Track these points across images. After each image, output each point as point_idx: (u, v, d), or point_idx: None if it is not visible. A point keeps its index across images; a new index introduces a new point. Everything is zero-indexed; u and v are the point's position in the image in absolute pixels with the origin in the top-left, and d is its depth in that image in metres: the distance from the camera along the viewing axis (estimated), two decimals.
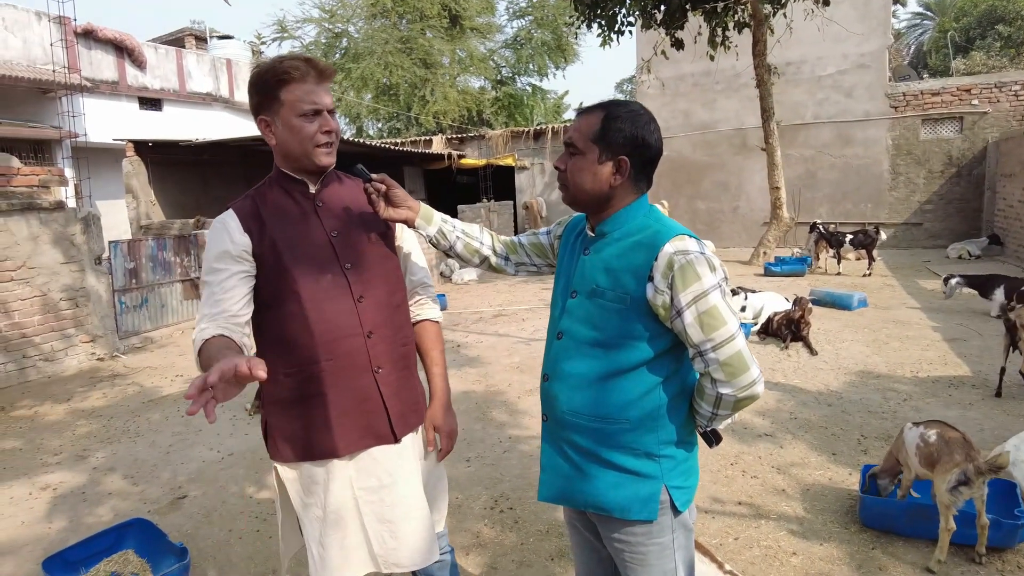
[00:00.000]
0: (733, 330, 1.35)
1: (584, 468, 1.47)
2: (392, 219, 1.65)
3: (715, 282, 1.35)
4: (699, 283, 1.33)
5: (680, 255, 1.35)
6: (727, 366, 1.34)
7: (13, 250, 6.01)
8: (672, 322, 1.38)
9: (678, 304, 1.34)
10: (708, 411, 1.43)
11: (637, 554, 1.47)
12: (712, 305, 1.33)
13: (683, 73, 14.41)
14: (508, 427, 4.30)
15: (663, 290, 1.36)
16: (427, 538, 1.68)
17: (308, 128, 1.54)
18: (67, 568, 2.66)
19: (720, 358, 1.34)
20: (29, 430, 4.73)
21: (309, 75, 1.54)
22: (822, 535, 2.85)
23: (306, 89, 1.53)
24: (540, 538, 2.91)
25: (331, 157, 1.60)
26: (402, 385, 1.69)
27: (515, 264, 1.79)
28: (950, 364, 5.25)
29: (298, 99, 1.52)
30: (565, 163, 1.49)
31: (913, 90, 12.89)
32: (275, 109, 1.55)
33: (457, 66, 23.08)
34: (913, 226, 13.09)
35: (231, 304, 1.50)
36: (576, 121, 1.49)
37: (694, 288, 1.33)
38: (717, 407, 1.40)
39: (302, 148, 1.56)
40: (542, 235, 1.77)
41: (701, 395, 1.42)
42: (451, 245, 1.74)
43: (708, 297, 1.33)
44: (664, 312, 1.37)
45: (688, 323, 1.34)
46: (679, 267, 1.34)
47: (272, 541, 2.98)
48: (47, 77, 12.81)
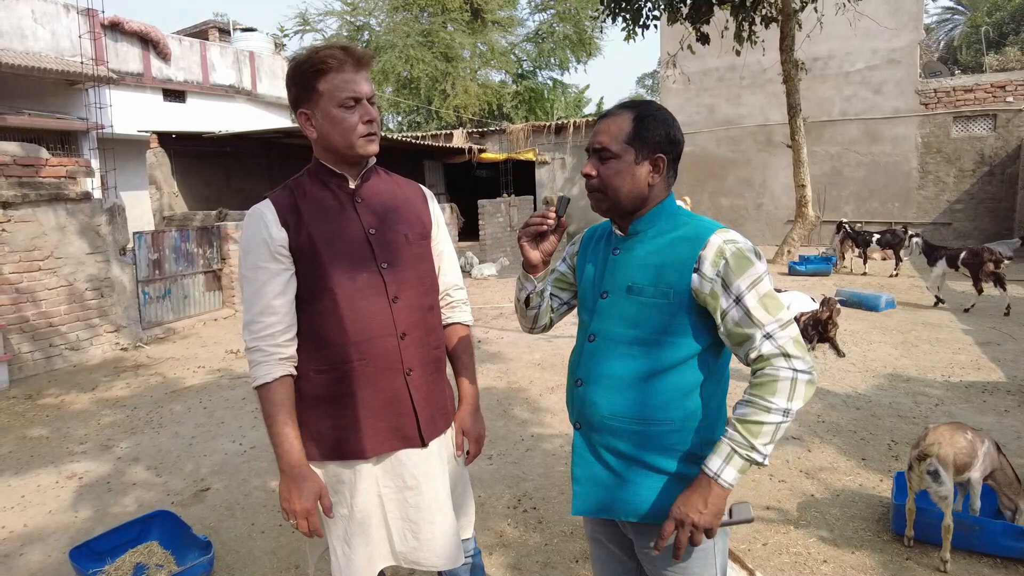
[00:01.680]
0: (791, 315, 1.35)
1: (625, 475, 1.43)
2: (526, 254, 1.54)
3: (764, 268, 1.36)
4: (753, 268, 1.34)
5: (730, 243, 1.35)
6: (797, 343, 1.31)
7: (41, 240, 6.08)
8: (726, 314, 1.32)
9: (737, 290, 1.32)
10: (782, 408, 1.26)
11: (680, 562, 1.42)
12: (769, 288, 1.35)
13: (708, 68, 14.22)
14: (530, 425, 4.27)
15: (712, 278, 1.33)
16: (450, 542, 1.64)
17: (349, 118, 1.51)
18: (94, 558, 2.67)
19: (792, 335, 1.31)
20: (55, 418, 4.79)
21: (347, 63, 1.50)
22: (854, 543, 2.78)
23: (344, 78, 1.50)
24: (565, 539, 2.87)
25: (374, 146, 1.56)
26: (432, 388, 1.66)
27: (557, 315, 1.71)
28: (983, 368, 5.12)
29: (337, 89, 1.49)
30: (596, 169, 1.43)
31: (945, 86, 12.60)
32: (314, 101, 1.52)
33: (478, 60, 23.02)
34: (942, 226, 12.81)
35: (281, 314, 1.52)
36: (602, 125, 1.44)
37: (750, 273, 1.33)
38: (792, 396, 1.26)
39: (344, 139, 1.52)
40: (560, 265, 1.69)
41: (771, 388, 1.26)
42: (538, 304, 1.64)
43: (764, 282, 1.34)
44: (714, 303, 1.34)
45: (752, 306, 1.31)
46: (731, 254, 1.33)
47: (294, 537, 2.97)
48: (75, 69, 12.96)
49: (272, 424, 1.49)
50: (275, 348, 1.50)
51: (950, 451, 2.63)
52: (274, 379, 1.49)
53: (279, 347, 1.51)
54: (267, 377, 1.49)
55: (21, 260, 5.92)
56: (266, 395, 1.50)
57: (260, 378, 1.50)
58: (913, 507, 2.68)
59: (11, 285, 5.84)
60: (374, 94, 1.57)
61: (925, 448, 2.61)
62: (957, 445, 2.67)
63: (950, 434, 2.70)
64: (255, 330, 1.50)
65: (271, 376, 1.49)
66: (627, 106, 1.44)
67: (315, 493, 1.50)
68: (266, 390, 1.50)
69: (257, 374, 1.50)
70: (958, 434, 2.72)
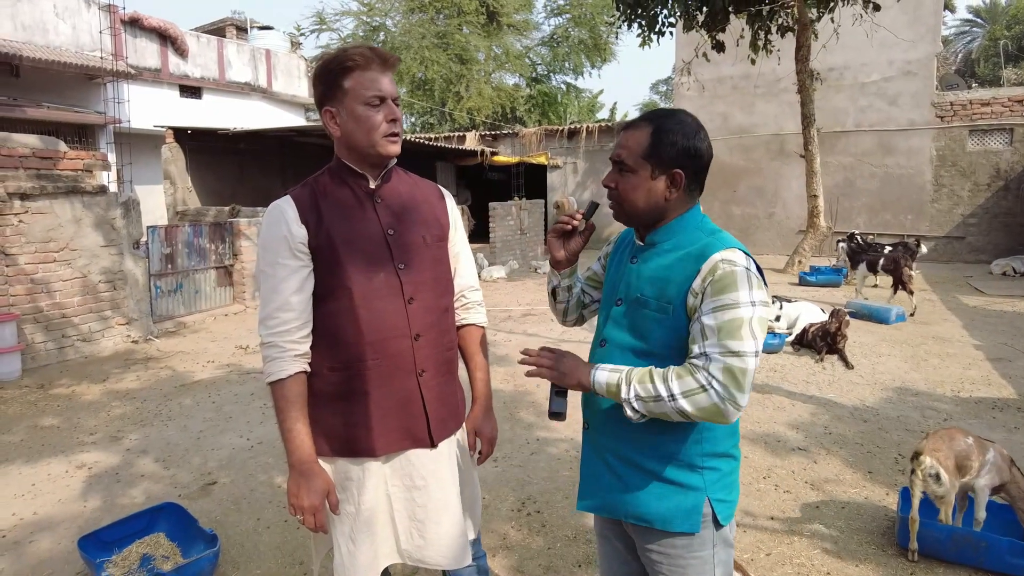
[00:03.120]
0: (750, 350, 1.25)
1: (626, 479, 1.45)
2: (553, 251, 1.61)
3: (750, 300, 1.27)
4: (734, 294, 1.27)
5: (726, 263, 1.30)
6: (729, 372, 1.24)
7: (57, 232, 6.15)
8: (693, 324, 1.32)
9: (705, 308, 1.29)
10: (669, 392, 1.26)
11: (676, 567, 1.44)
12: (740, 318, 1.26)
13: (722, 75, 14.20)
14: (536, 428, 4.28)
15: (698, 293, 1.32)
16: (456, 543, 1.66)
17: (374, 117, 1.52)
18: (101, 548, 2.70)
19: (728, 362, 1.24)
20: (66, 408, 4.84)
21: (373, 62, 1.52)
22: (858, 556, 2.77)
23: (370, 77, 1.52)
24: (567, 544, 2.87)
25: (396, 146, 1.57)
26: (444, 390, 1.67)
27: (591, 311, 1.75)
28: (994, 384, 5.08)
29: (363, 87, 1.51)
30: (615, 181, 1.45)
31: (961, 99, 12.52)
32: (339, 99, 1.53)
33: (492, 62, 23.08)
34: (955, 240, 12.73)
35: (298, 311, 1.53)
36: (622, 137, 1.45)
37: (726, 297, 1.27)
38: (674, 400, 1.26)
39: (368, 138, 1.53)
40: (595, 265, 1.74)
41: (677, 375, 1.27)
42: (567, 299, 1.70)
43: (738, 310, 1.26)
44: (693, 314, 1.33)
45: (708, 325, 1.27)
46: (720, 273, 1.29)
47: (299, 533, 3.00)
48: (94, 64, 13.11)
49: (284, 420, 1.51)
50: (290, 344, 1.52)
51: (949, 452, 2.70)
52: (288, 375, 1.51)
53: (294, 344, 1.53)
54: (281, 373, 1.51)
55: (37, 251, 5.99)
56: (279, 391, 1.52)
57: (274, 374, 1.51)
58: (916, 517, 2.68)
59: (26, 275, 5.92)
60: (398, 96, 1.59)
61: (918, 447, 2.73)
62: (956, 447, 2.73)
63: (949, 436, 2.78)
64: (271, 326, 1.52)
65: (285, 372, 1.51)
66: (648, 118, 1.43)
67: (323, 490, 1.52)
68: (280, 386, 1.51)
69: (271, 370, 1.52)
70: (958, 437, 2.78)
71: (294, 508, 1.51)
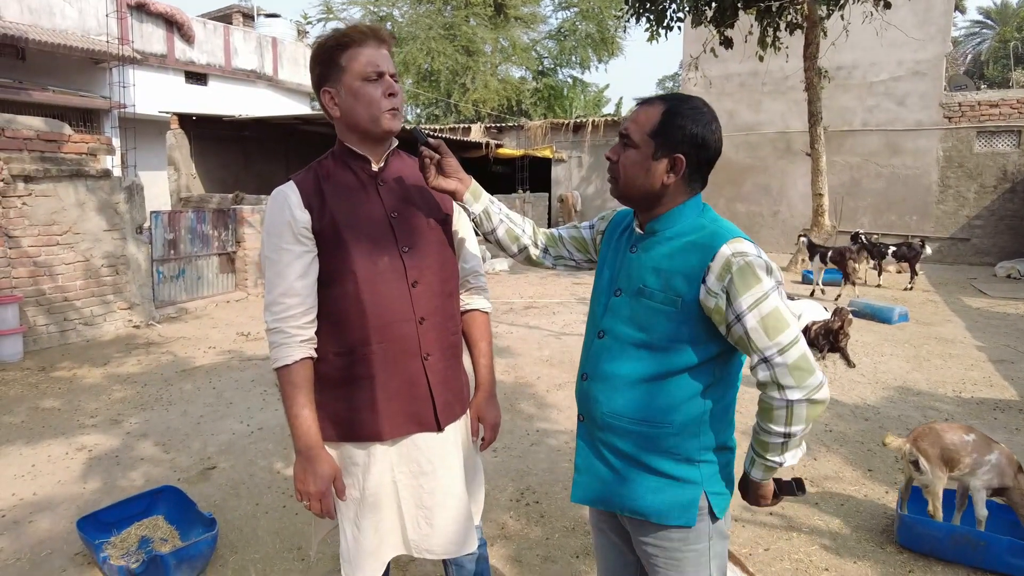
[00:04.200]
0: (796, 332, 1.29)
1: (623, 472, 1.43)
2: (440, 188, 1.62)
3: (772, 284, 1.29)
4: (759, 285, 1.28)
5: (738, 256, 1.29)
6: (796, 369, 1.27)
7: (60, 215, 6.15)
8: (730, 328, 1.31)
9: (738, 308, 1.28)
10: (780, 432, 1.31)
11: (672, 560, 1.42)
12: (774, 307, 1.28)
13: (730, 72, 14.13)
14: (536, 420, 4.27)
15: (717, 293, 1.30)
16: (463, 528, 1.65)
17: (373, 92, 1.51)
18: (100, 529, 2.71)
19: (788, 362, 1.27)
20: (68, 391, 4.85)
21: (368, 39, 1.52)
22: (856, 552, 2.77)
23: (367, 53, 1.51)
24: (566, 534, 2.87)
25: (397, 122, 1.56)
26: (449, 374, 1.66)
27: (554, 258, 1.73)
28: (996, 386, 5.07)
29: (359, 63, 1.50)
30: (618, 154, 1.42)
31: (970, 100, 12.46)
32: (337, 77, 1.53)
33: (499, 55, 23.02)
34: (960, 241, 12.69)
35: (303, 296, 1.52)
36: (634, 112, 1.42)
37: (754, 291, 1.27)
38: (790, 423, 1.30)
39: (368, 113, 1.52)
40: (584, 229, 1.71)
41: (769, 415, 1.32)
42: (493, 228, 1.69)
43: (769, 299, 1.28)
44: (718, 317, 1.31)
45: (751, 327, 1.28)
46: (737, 269, 1.28)
47: (298, 518, 3.00)
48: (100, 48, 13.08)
49: (291, 406, 1.50)
50: (296, 330, 1.51)
51: (935, 442, 2.76)
52: (294, 361, 1.50)
53: (300, 329, 1.51)
54: (288, 359, 1.50)
55: (40, 234, 5.99)
56: (286, 376, 1.51)
57: (280, 360, 1.50)
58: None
59: (29, 258, 5.92)
60: (396, 73, 1.58)
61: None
62: (946, 440, 2.74)
63: (943, 429, 2.80)
64: (276, 311, 1.51)
65: (291, 358, 1.50)
66: (665, 98, 1.40)
67: (329, 476, 1.51)
68: (286, 371, 1.50)
69: (277, 355, 1.51)
70: (954, 432, 2.78)
71: (301, 494, 1.51)
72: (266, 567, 2.63)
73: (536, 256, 1.73)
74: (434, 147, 1.59)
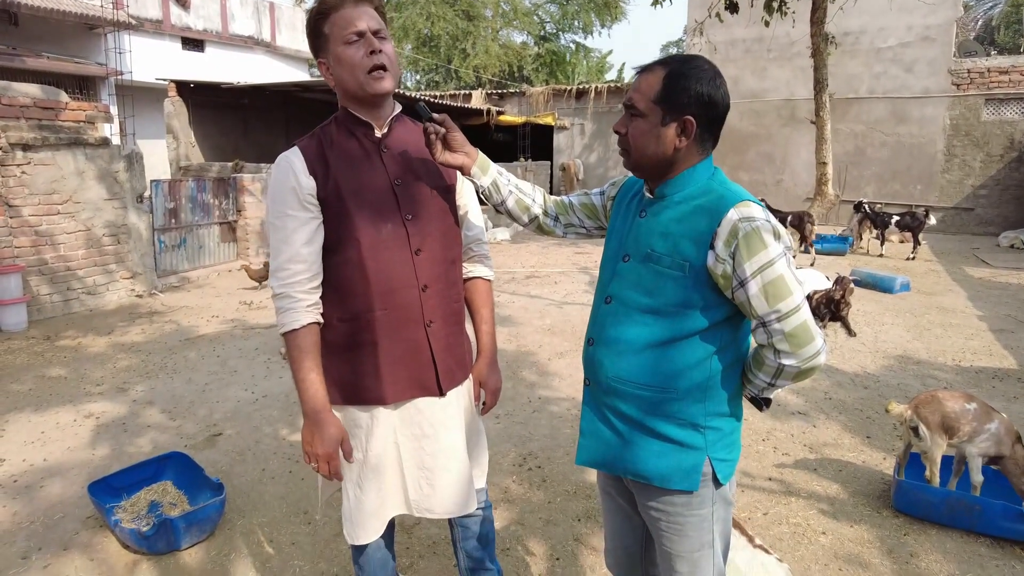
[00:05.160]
0: (799, 300, 1.29)
1: (627, 436, 1.44)
2: (447, 163, 1.61)
3: (780, 250, 1.29)
4: (765, 252, 1.27)
5: (745, 222, 1.28)
6: (793, 337, 1.29)
7: (60, 184, 6.12)
8: (734, 292, 1.32)
9: (742, 274, 1.29)
10: (764, 382, 1.39)
11: (675, 524, 1.45)
12: (779, 275, 1.28)
13: (735, 38, 13.89)
14: (538, 387, 4.31)
15: (725, 259, 1.30)
16: (463, 490, 1.68)
17: (354, 54, 1.50)
18: (111, 493, 2.75)
19: (786, 329, 1.29)
20: (73, 360, 4.89)
21: (345, 1, 1.50)
22: (853, 517, 2.82)
23: (344, 15, 1.50)
24: (567, 498, 2.92)
25: (385, 82, 1.53)
26: (451, 340, 1.68)
27: (564, 225, 1.73)
28: (995, 355, 5.09)
29: (339, 27, 1.50)
30: (625, 126, 1.40)
31: (979, 67, 12.25)
32: (325, 46, 1.53)
33: (500, 19, 22.60)
34: (964, 211, 12.61)
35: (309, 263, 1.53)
36: (636, 81, 1.40)
37: (760, 257, 1.27)
38: (776, 378, 1.36)
39: (353, 77, 1.51)
40: (594, 195, 1.70)
41: (759, 366, 1.38)
42: (503, 199, 1.69)
43: (774, 266, 1.28)
44: (724, 281, 1.32)
45: (753, 294, 1.29)
46: (744, 235, 1.27)
47: (304, 483, 3.05)
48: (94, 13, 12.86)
49: (298, 370, 1.52)
50: (303, 295, 1.52)
51: (935, 410, 2.79)
52: (301, 326, 1.52)
53: (306, 294, 1.53)
54: (295, 324, 1.51)
55: (40, 203, 5.97)
56: (293, 341, 1.52)
57: (288, 324, 1.52)
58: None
59: (31, 227, 5.91)
60: (381, 28, 1.54)
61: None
62: (947, 407, 2.78)
63: (944, 397, 2.83)
64: (283, 277, 1.52)
65: (299, 323, 1.51)
66: (664, 62, 1.37)
67: (337, 438, 1.54)
68: (293, 336, 1.52)
69: (285, 320, 1.52)
70: (955, 399, 2.81)
71: (308, 456, 1.54)
72: (273, 530, 2.69)
73: (547, 225, 1.73)
74: (439, 122, 1.58)
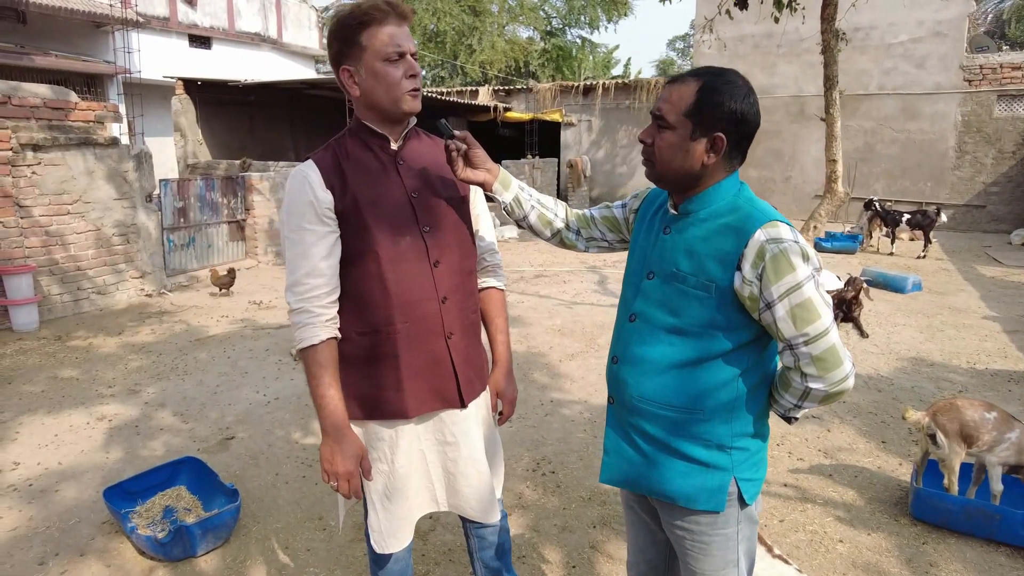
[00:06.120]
0: (827, 323, 1.27)
1: (652, 456, 1.42)
2: (469, 180, 1.59)
3: (808, 272, 1.26)
4: (792, 274, 1.25)
5: (773, 243, 1.25)
6: (820, 361, 1.27)
7: (70, 184, 6.13)
8: (760, 314, 1.30)
9: (768, 297, 1.26)
10: (791, 403, 1.37)
11: (699, 543, 1.43)
12: (806, 298, 1.25)
13: (743, 34, 13.80)
14: (550, 390, 4.30)
15: (751, 280, 1.27)
16: (485, 498, 1.69)
17: (394, 73, 1.48)
18: (125, 498, 2.76)
19: (814, 352, 1.27)
20: (85, 360, 4.90)
21: (390, 16, 1.48)
22: (870, 524, 2.79)
23: (388, 32, 1.47)
24: (582, 504, 2.91)
25: (417, 103, 1.54)
26: (471, 351, 1.68)
27: (586, 239, 1.71)
28: (1011, 357, 5.04)
29: (381, 42, 1.47)
30: (652, 136, 1.37)
31: (992, 63, 12.13)
32: (357, 56, 1.49)
33: (506, 15, 22.51)
34: (975, 208, 12.51)
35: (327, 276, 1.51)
36: (666, 91, 1.37)
37: (787, 280, 1.25)
38: (803, 400, 1.34)
39: (389, 95, 1.50)
40: (616, 208, 1.68)
41: (786, 387, 1.36)
42: (525, 215, 1.68)
43: (802, 289, 1.25)
44: (751, 303, 1.29)
45: (780, 316, 1.26)
46: (771, 256, 1.25)
47: (318, 488, 3.04)
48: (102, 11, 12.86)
49: (317, 386, 1.51)
50: (321, 310, 1.51)
51: (954, 418, 2.75)
52: (320, 341, 1.50)
53: (324, 308, 1.51)
54: (313, 339, 1.49)
55: (51, 203, 5.98)
56: (312, 357, 1.50)
57: (306, 340, 1.50)
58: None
59: (41, 227, 5.92)
60: (416, 51, 1.54)
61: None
62: (966, 415, 2.74)
63: (963, 405, 2.79)
64: (300, 292, 1.50)
65: (317, 339, 1.49)
66: (698, 74, 1.34)
67: (357, 455, 1.53)
68: (312, 352, 1.50)
69: (303, 336, 1.50)
70: (975, 408, 2.77)
71: (328, 475, 1.52)
72: (288, 536, 2.68)
73: (569, 239, 1.71)
74: (460, 139, 1.56)
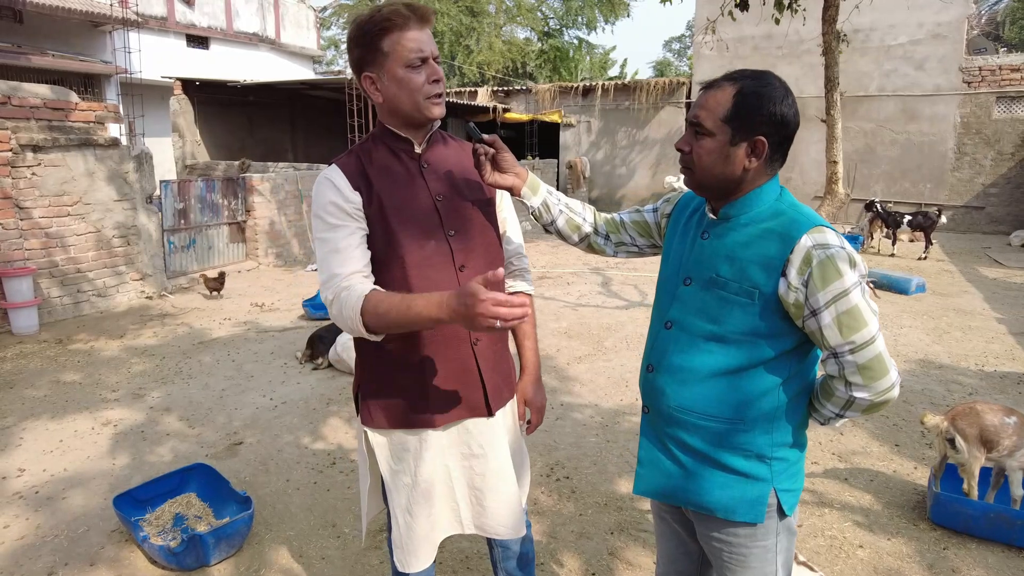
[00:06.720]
0: (874, 331, 1.24)
1: (690, 467, 1.39)
2: (497, 185, 1.56)
3: (856, 279, 1.24)
4: (840, 281, 1.22)
5: (820, 249, 1.23)
6: (867, 370, 1.24)
7: (70, 185, 6.07)
8: (805, 321, 1.27)
9: (815, 304, 1.23)
10: (832, 412, 1.34)
11: (737, 555, 1.40)
12: (853, 305, 1.23)
13: (743, 35, 13.80)
14: (559, 394, 4.26)
15: (797, 287, 1.24)
16: (514, 512, 1.64)
17: (417, 79, 1.45)
18: (135, 506, 2.71)
19: (859, 361, 1.24)
20: (87, 364, 4.84)
21: (411, 21, 1.44)
22: (889, 529, 2.77)
23: (410, 37, 1.44)
24: (599, 510, 2.88)
25: (442, 108, 1.51)
26: (498, 359, 1.64)
27: (615, 244, 1.68)
28: (1018, 359, 5.04)
29: (403, 48, 1.43)
30: (690, 144, 1.34)
31: (991, 64, 12.17)
32: (379, 62, 1.46)
33: (504, 15, 22.50)
34: (974, 210, 12.54)
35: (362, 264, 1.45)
36: (702, 97, 1.34)
37: (834, 286, 1.22)
38: (846, 409, 1.31)
39: (412, 101, 1.47)
40: (647, 212, 1.65)
41: (828, 397, 1.33)
42: (553, 219, 1.65)
43: (849, 296, 1.22)
44: (796, 310, 1.26)
45: (826, 324, 1.23)
46: (818, 263, 1.22)
47: (330, 495, 3.00)
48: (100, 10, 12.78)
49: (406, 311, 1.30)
50: (359, 284, 1.41)
51: (973, 422, 2.73)
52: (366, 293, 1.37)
53: (361, 283, 1.42)
54: (359, 299, 1.36)
55: (51, 204, 5.92)
56: (371, 310, 1.34)
57: (354, 306, 1.36)
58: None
59: (41, 229, 5.86)
60: (439, 55, 1.51)
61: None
62: (985, 420, 2.73)
63: (983, 410, 2.78)
64: (335, 283, 1.41)
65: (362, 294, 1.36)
66: (733, 78, 1.32)
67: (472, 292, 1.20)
68: (368, 304, 1.35)
69: (350, 302, 1.36)
70: (995, 413, 2.76)
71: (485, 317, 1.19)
72: (302, 544, 2.64)
73: (597, 244, 1.68)
74: (489, 143, 1.53)
